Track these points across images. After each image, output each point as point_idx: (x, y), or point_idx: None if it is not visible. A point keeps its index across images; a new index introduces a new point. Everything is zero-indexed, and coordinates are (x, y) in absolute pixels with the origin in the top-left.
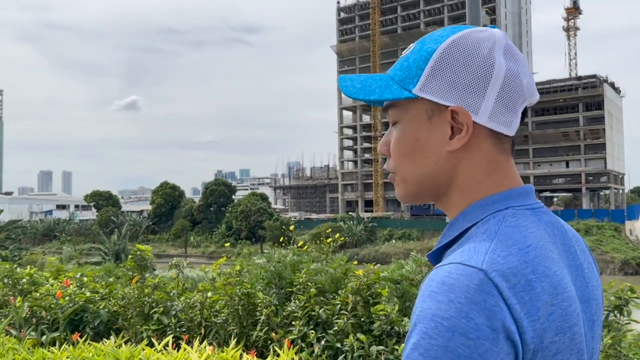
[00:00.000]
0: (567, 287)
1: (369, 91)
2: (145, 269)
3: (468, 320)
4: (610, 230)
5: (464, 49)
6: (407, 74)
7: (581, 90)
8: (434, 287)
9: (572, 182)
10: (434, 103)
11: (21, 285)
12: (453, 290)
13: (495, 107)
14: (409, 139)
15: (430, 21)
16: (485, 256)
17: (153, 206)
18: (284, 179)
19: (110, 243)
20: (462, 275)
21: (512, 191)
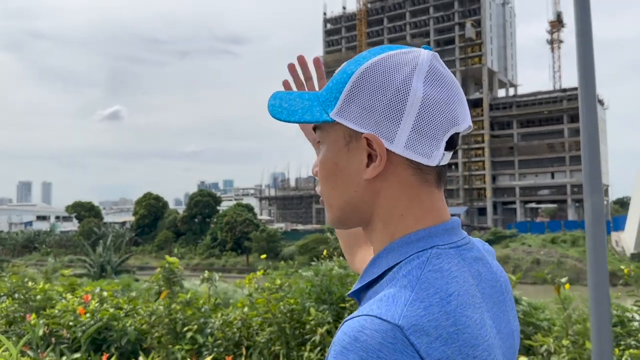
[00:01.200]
0: (487, 335)
1: (291, 112)
2: (174, 283)
3: None
4: None
5: (381, 73)
6: (329, 96)
7: (566, 102)
8: (346, 342)
9: (557, 193)
10: (351, 128)
11: (36, 301)
12: (365, 348)
13: (412, 135)
14: (330, 163)
15: (417, 33)
16: (404, 309)
17: (136, 217)
18: (269, 189)
19: (96, 255)
20: (376, 332)
21: (438, 227)
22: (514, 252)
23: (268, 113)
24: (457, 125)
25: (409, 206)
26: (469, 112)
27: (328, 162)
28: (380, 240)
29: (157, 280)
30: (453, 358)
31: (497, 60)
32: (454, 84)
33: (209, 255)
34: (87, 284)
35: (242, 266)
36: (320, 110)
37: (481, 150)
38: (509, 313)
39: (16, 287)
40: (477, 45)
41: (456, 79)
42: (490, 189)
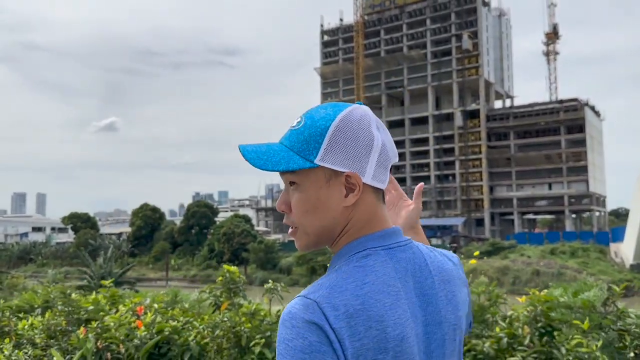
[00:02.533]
0: (399, 316)
1: (275, 162)
2: (236, 293)
3: (304, 340)
4: (596, 253)
5: (351, 125)
6: (306, 147)
7: (563, 113)
8: (284, 316)
9: (554, 204)
10: (331, 170)
11: (85, 313)
12: (293, 317)
13: (375, 169)
14: (311, 199)
15: (413, 44)
16: (324, 291)
17: (133, 228)
18: (265, 200)
19: (96, 266)
20: (301, 305)
21: (376, 234)
22: (514, 263)
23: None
24: (395, 157)
25: (368, 220)
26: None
27: (310, 199)
28: (338, 249)
29: (212, 290)
30: (356, 328)
31: (494, 72)
32: (385, 127)
33: (206, 267)
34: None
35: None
36: (301, 159)
37: (478, 161)
38: (440, 305)
39: (59, 298)
40: (473, 57)
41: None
42: (488, 200)
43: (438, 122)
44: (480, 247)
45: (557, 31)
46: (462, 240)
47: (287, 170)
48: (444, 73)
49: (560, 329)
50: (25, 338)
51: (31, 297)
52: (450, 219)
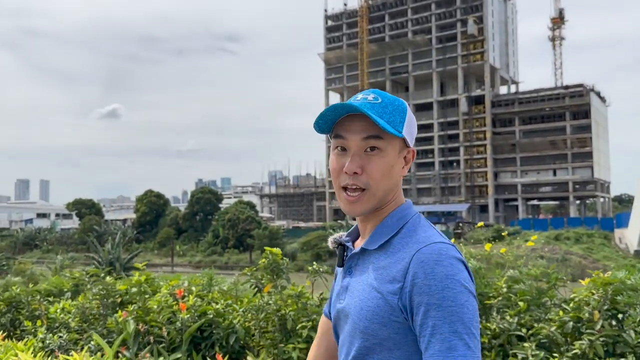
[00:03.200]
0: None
1: (382, 123)
2: (279, 275)
3: (463, 273)
4: (600, 239)
5: (398, 106)
6: (394, 119)
7: (568, 99)
8: (435, 258)
9: (559, 190)
10: (404, 143)
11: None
12: (449, 257)
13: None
14: (389, 164)
15: (418, 29)
16: (443, 238)
17: (137, 214)
18: (269, 187)
19: (104, 252)
20: (447, 247)
21: (408, 201)
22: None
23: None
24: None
25: (401, 190)
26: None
27: (388, 164)
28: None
29: (253, 273)
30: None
31: (499, 57)
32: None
33: (211, 253)
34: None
35: (245, 263)
36: (391, 128)
37: (483, 148)
38: None
39: (95, 281)
40: (479, 42)
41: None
42: (492, 186)
43: (443, 108)
44: (485, 233)
45: (563, 16)
46: (466, 227)
47: (393, 133)
48: (448, 58)
49: (626, 311)
50: (59, 322)
51: (60, 281)
52: (454, 205)
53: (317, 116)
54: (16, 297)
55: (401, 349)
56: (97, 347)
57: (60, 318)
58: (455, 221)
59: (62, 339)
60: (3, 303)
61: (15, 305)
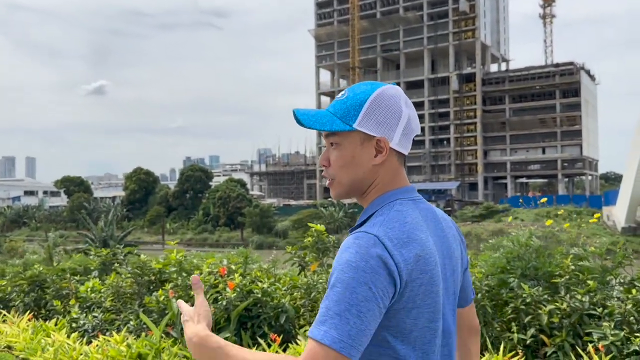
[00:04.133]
0: (430, 246)
1: (322, 123)
2: (325, 253)
3: (366, 262)
4: (589, 216)
5: (385, 100)
6: (347, 113)
7: (558, 77)
8: (347, 245)
9: (547, 168)
10: (365, 134)
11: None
12: (359, 246)
13: (401, 138)
14: (347, 156)
15: (410, 6)
16: (379, 228)
17: (126, 192)
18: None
19: (98, 229)
20: (364, 237)
21: (402, 189)
22: (507, 226)
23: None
24: (417, 129)
25: (392, 178)
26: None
27: (346, 156)
28: (370, 199)
29: (296, 251)
30: (407, 255)
31: (490, 35)
32: (412, 105)
33: (202, 231)
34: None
35: (236, 241)
36: (342, 123)
37: (473, 126)
38: (450, 242)
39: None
40: (470, 19)
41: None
42: (482, 164)
43: (433, 86)
44: (474, 211)
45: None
46: (456, 204)
47: (329, 130)
48: (440, 36)
49: None
50: (91, 301)
51: (85, 260)
52: (444, 183)
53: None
54: (39, 276)
55: None
56: (136, 327)
57: (92, 297)
58: (446, 199)
59: (97, 319)
60: (26, 282)
61: (40, 284)
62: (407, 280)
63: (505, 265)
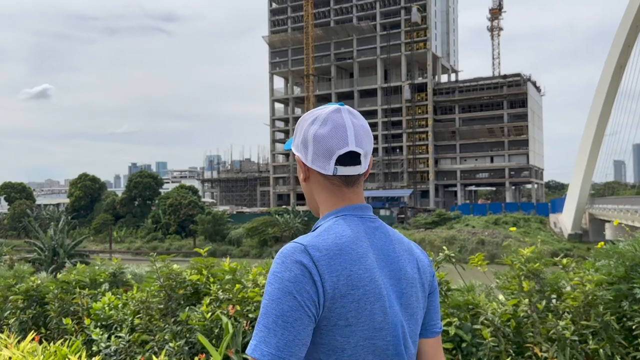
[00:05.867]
0: (367, 263)
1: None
2: None
3: (290, 272)
4: (537, 223)
5: (302, 123)
6: (292, 137)
7: (506, 88)
8: (277, 255)
9: (495, 176)
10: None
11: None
12: (284, 255)
13: (313, 156)
14: (300, 176)
15: (363, 16)
16: (310, 238)
17: (71, 199)
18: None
19: (47, 238)
20: (291, 247)
21: (348, 207)
22: (459, 233)
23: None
24: (339, 150)
25: (328, 196)
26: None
27: (299, 175)
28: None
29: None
30: (334, 267)
31: (441, 46)
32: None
33: (151, 239)
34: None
35: (188, 249)
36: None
37: (425, 135)
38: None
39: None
40: (422, 30)
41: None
42: (433, 172)
43: (386, 95)
44: (427, 218)
45: (501, 6)
46: (409, 212)
47: (288, 149)
48: (392, 46)
49: None
50: (112, 319)
51: (92, 270)
52: (397, 191)
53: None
54: (38, 289)
55: None
56: (177, 350)
57: (112, 314)
58: (399, 206)
59: (123, 341)
60: (21, 297)
61: (38, 299)
62: (333, 294)
63: (625, 274)
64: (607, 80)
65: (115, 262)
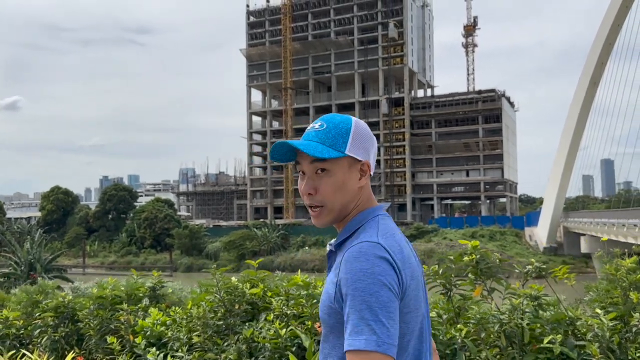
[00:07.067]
0: (412, 257)
1: (319, 151)
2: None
3: (379, 267)
4: (512, 236)
5: (363, 129)
6: (336, 141)
7: (481, 103)
8: (355, 255)
9: (471, 190)
10: (353, 158)
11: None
12: (367, 254)
13: (372, 161)
14: (339, 181)
15: (341, 30)
16: (377, 237)
17: (43, 212)
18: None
19: (23, 252)
20: (369, 245)
21: (379, 206)
22: (438, 246)
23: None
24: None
25: (368, 196)
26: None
27: (338, 181)
28: (352, 216)
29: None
30: (402, 262)
31: (417, 62)
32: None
33: (126, 253)
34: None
35: (164, 264)
36: (333, 151)
37: (402, 148)
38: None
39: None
40: (399, 46)
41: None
42: (410, 186)
43: (364, 109)
44: (405, 231)
45: (476, 23)
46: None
47: (327, 157)
48: (370, 60)
49: None
50: (167, 337)
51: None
52: None
53: (270, 153)
54: (70, 306)
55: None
56: None
57: (165, 332)
58: None
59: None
60: (51, 314)
61: (70, 316)
62: (405, 284)
63: None
64: (582, 96)
65: (156, 275)
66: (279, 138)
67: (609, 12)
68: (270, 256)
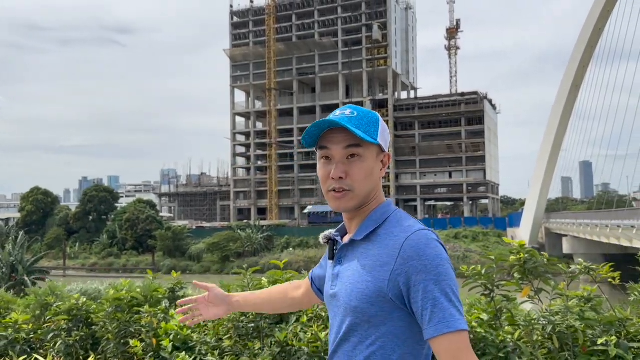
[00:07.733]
0: None
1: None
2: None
3: (445, 253)
4: (495, 237)
5: (384, 122)
6: (369, 129)
7: (464, 105)
8: (425, 242)
9: (453, 191)
10: (380, 148)
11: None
12: (434, 240)
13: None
14: (369, 168)
15: (325, 32)
16: (419, 225)
17: (22, 213)
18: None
19: (4, 254)
20: (428, 233)
21: (390, 199)
22: None
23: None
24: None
25: (381, 190)
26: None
27: (368, 167)
28: (371, 207)
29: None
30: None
31: (401, 64)
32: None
33: (107, 255)
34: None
35: (146, 266)
36: (368, 137)
37: None
38: None
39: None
40: (383, 48)
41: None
42: (394, 187)
43: None
44: None
45: (458, 26)
46: None
47: (370, 140)
48: (354, 62)
49: None
50: (195, 341)
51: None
52: None
53: (304, 133)
54: (84, 308)
55: (386, 325)
56: None
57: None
58: None
59: None
60: (65, 317)
61: (85, 319)
62: None
63: None
64: (564, 99)
65: (175, 275)
66: (263, 139)
67: (591, 15)
68: (255, 257)
